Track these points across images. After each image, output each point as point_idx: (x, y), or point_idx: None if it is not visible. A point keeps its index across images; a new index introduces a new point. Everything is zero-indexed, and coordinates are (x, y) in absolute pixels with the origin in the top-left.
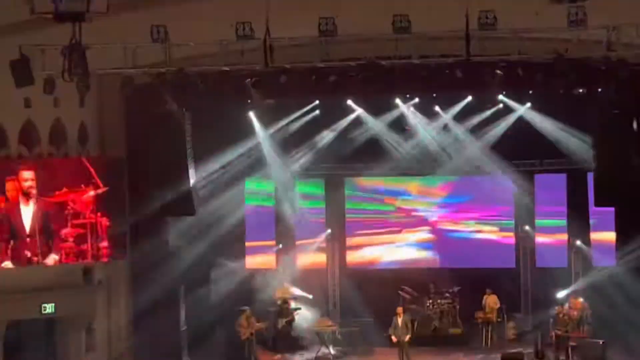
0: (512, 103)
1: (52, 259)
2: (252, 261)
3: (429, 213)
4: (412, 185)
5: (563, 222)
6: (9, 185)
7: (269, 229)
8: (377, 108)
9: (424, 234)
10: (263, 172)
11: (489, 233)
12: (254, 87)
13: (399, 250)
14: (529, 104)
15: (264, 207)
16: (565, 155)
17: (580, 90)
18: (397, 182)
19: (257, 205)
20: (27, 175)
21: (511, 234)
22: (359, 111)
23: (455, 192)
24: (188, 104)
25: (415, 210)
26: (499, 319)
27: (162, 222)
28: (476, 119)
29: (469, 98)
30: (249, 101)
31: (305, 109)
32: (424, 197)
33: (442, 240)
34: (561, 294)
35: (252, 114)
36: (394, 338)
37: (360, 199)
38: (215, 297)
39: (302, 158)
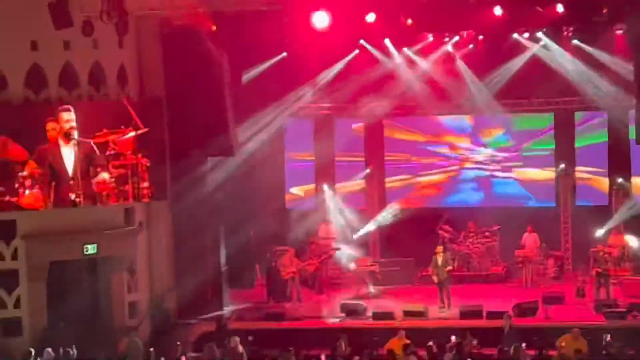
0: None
1: (93, 199)
2: (293, 201)
3: (468, 152)
4: (452, 124)
5: (604, 159)
6: (50, 127)
7: (309, 169)
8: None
9: (463, 173)
10: (302, 111)
11: (529, 171)
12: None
13: (438, 189)
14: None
15: (304, 147)
16: (607, 93)
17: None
18: (437, 122)
19: (298, 146)
20: (68, 116)
21: (551, 172)
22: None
23: (495, 130)
24: (226, 44)
25: (455, 149)
26: (539, 258)
27: (202, 163)
28: (519, 60)
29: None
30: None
31: None
32: (463, 136)
33: (481, 179)
34: (601, 232)
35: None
36: (434, 277)
37: (399, 139)
38: (255, 237)
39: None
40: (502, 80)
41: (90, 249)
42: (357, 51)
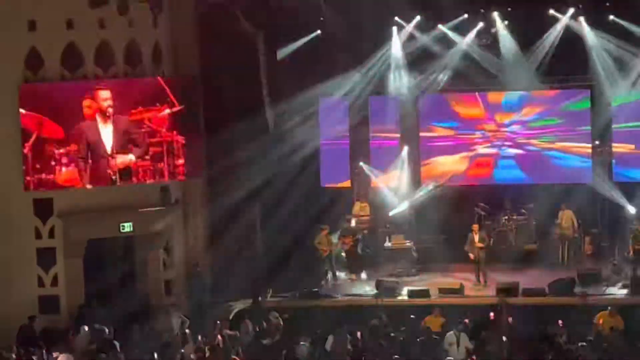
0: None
1: (129, 176)
2: (328, 179)
3: (504, 129)
4: (488, 100)
5: None
6: (86, 105)
7: (344, 148)
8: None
9: (499, 150)
10: (339, 92)
11: (564, 148)
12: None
13: (474, 166)
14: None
15: (339, 126)
16: None
17: None
18: (474, 98)
19: (332, 125)
20: (105, 94)
21: (588, 148)
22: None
23: (532, 107)
24: (261, 22)
25: (490, 126)
26: (575, 235)
27: (237, 140)
28: (556, 36)
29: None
30: (322, 18)
31: None
32: (499, 113)
33: (518, 156)
34: (636, 209)
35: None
36: (470, 255)
37: (435, 116)
38: (291, 215)
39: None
40: (539, 57)
41: (127, 227)
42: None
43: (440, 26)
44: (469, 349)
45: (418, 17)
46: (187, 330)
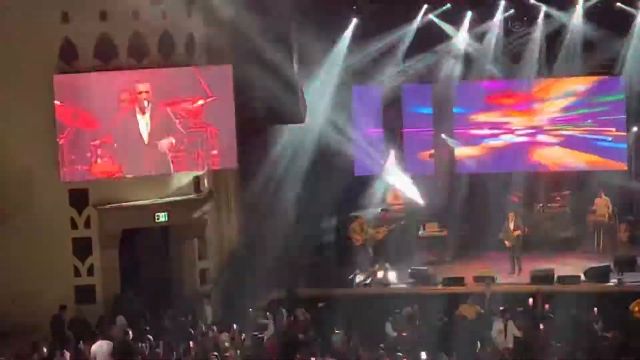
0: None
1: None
2: (362, 168)
3: (539, 115)
4: (525, 87)
5: None
6: (123, 97)
7: (377, 135)
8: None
9: (533, 137)
10: (370, 80)
11: (600, 134)
12: None
13: (508, 153)
14: None
15: (371, 113)
16: None
17: None
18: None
19: (366, 113)
20: (142, 87)
21: (623, 135)
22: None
23: (566, 93)
24: (293, 10)
25: (524, 112)
26: (610, 222)
27: (270, 130)
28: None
29: None
30: (354, 7)
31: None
32: (536, 100)
33: (552, 143)
34: None
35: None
36: (506, 242)
37: (469, 101)
38: (324, 203)
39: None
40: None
41: (162, 217)
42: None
43: (469, 12)
44: (517, 336)
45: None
46: (213, 328)
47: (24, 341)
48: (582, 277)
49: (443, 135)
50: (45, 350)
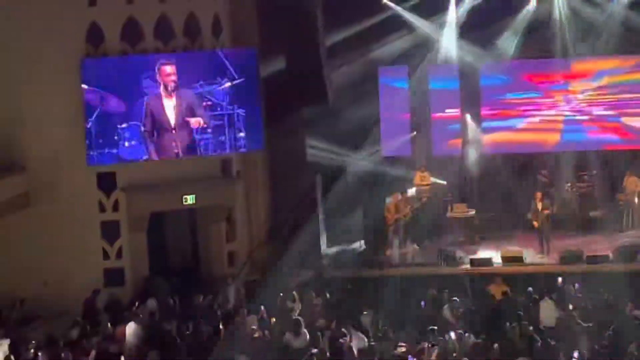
0: None
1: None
2: (389, 149)
3: (567, 95)
4: (553, 66)
5: None
6: (150, 80)
7: (404, 117)
8: None
9: (562, 117)
10: (398, 61)
11: (628, 115)
12: None
13: (537, 133)
14: None
15: (399, 96)
16: None
17: None
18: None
19: (392, 95)
20: (168, 69)
21: None
22: None
23: (595, 73)
24: None
25: (553, 92)
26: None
27: (298, 112)
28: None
29: None
30: None
31: None
32: (563, 80)
33: (581, 123)
34: None
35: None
36: (535, 222)
37: (496, 82)
38: (352, 186)
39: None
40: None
41: (189, 199)
42: None
43: None
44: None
45: None
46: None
47: (54, 325)
48: (611, 257)
49: (468, 115)
50: (75, 333)
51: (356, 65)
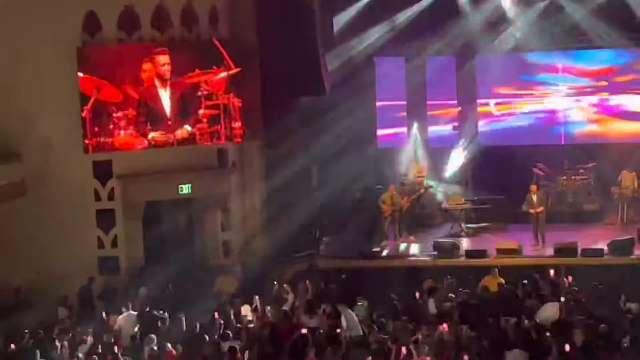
0: None
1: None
2: (384, 140)
3: (563, 87)
4: (554, 59)
5: None
6: (146, 69)
7: (401, 109)
8: None
9: (557, 110)
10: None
11: (625, 107)
12: None
13: (531, 125)
14: None
15: (396, 87)
16: None
17: None
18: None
19: (389, 86)
20: (163, 59)
21: None
22: None
23: (595, 66)
24: None
25: (548, 84)
26: (635, 195)
27: (294, 102)
28: None
29: None
30: None
31: None
32: (557, 72)
33: (575, 115)
34: None
35: None
36: (530, 214)
37: (493, 74)
38: (347, 177)
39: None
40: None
41: (185, 188)
42: None
43: None
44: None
45: None
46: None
47: (49, 312)
48: (606, 250)
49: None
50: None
51: (352, 55)
